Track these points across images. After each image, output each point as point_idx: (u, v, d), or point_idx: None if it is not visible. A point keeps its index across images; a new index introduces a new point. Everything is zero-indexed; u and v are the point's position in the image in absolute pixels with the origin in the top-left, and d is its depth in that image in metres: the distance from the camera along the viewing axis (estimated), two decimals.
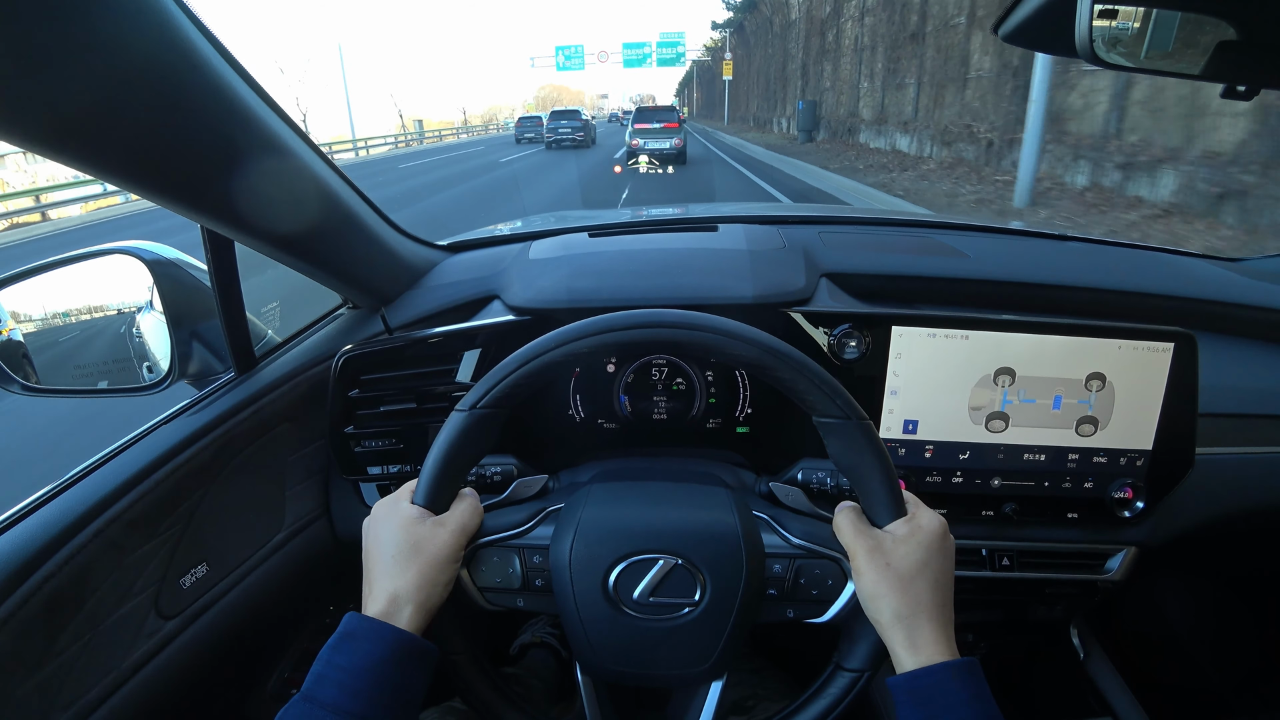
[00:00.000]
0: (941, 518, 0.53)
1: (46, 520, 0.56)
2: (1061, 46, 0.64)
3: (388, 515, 0.53)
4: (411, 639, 0.48)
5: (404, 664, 0.47)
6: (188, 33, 0.46)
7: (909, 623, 0.49)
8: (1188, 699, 1.05)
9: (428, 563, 0.51)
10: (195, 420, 0.69)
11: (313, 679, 0.46)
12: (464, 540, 0.54)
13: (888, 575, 0.50)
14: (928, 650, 0.48)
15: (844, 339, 0.77)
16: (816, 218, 1.11)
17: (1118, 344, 0.74)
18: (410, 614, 0.49)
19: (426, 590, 0.50)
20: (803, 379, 0.52)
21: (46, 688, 0.53)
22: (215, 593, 0.70)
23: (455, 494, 0.55)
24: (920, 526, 0.51)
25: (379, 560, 0.51)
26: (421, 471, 0.54)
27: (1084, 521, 0.80)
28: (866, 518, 0.54)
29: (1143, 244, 1.12)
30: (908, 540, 0.51)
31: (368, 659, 0.46)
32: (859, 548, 0.51)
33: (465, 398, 0.54)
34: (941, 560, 0.51)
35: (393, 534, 0.52)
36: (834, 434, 0.53)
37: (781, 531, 0.57)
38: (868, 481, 0.53)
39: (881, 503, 0.53)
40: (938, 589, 0.50)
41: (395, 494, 0.56)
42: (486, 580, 0.56)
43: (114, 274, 0.81)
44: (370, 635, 0.47)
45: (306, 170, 0.65)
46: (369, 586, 0.51)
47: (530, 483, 0.68)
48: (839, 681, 0.55)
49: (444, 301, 0.91)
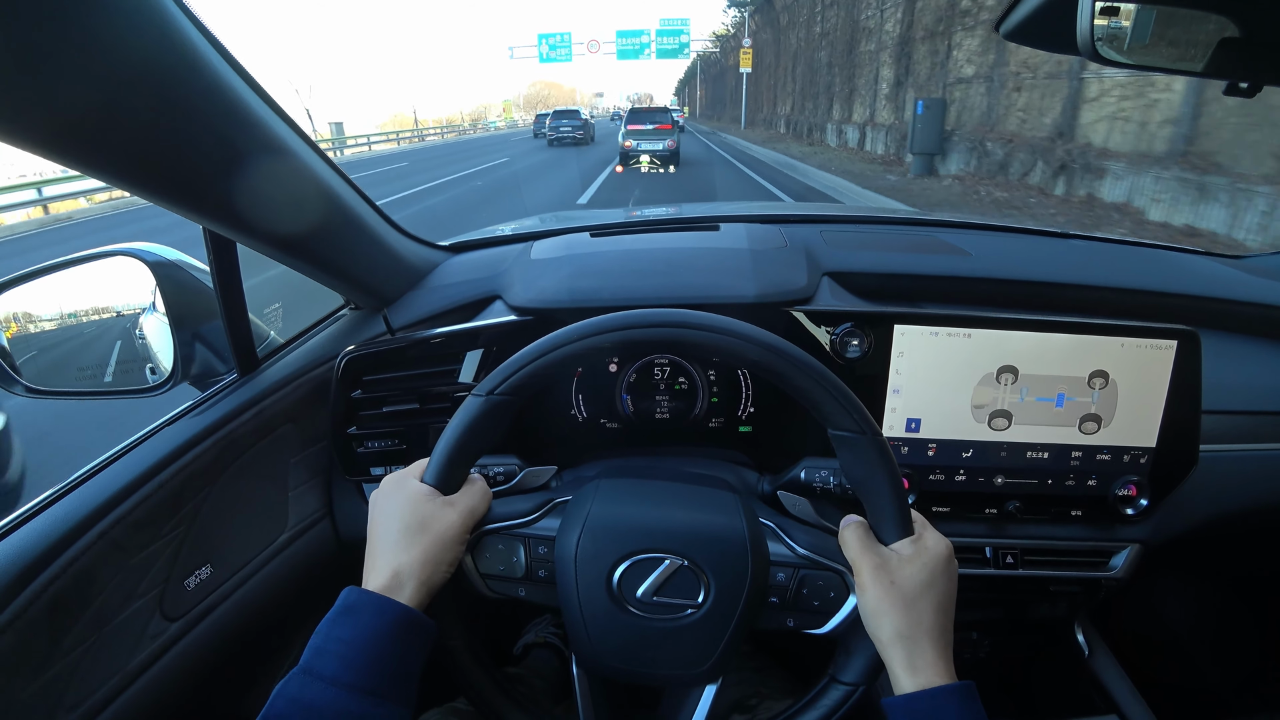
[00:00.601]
0: (948, 541, 0.53)
1: (51, 523, 0.56)
2: (1063, 45, 0.64)
3: (395, 490, 0.53)
4: (412, 613, 0.48)
5: (404, 638, 0.47)
6: (188, 34, 0.46)
7: (909, 643, 0.49)
8: (1191, 697, 1.05)
9: (433, 541, 0.50)
10: (198, 422, 0.69)
11: (312, 652, 0.45)
12: (471, 523, 0.54)
13: (891, 593, 0.50)
14: (926, 672, 0.48)
15: (846, 338, 0.77)
16: (818, 216, 1.11)
17: (1121, 342, 0.74)
18: (412, 590, 0.49)
19: (430, 568, 0.50)
20: (820, 389, 0.52)
21: (52, 689, 0.53)
22: (219, 594, 0.70)
23: (465, 477, 0.55)
24: (926, 547, 0.51)
25: (384, 534, 0.51)
26: (433, 452, 0.54)
27: (1088, 519, 0.80)
28: (873, 534, 0.53)
29: (1145, 241, 1.11)
30: (913, 560, 0.51)
31: (368, 632, 0.46)
32: (864, 564, 0.51)
33: (482, 383, 0.54)
34: (945, 583, 0.51)
35: (400, 509, 0.52)
36: (847, 447, 0.53)
37: (788, 540, 0.57)
38: (877, 498, 0.53)
39: (890, 520, 0.53)
40: (940, 611, 0.50)
41: (405, 470, 0.56)
42: (490, 567, 0.56)
43: (116, 276, 0.82)
44: (371, 609, 0.47)
45: (308, 171, 0.65)
46: (371, 560, 0.51)
47: (539, 473, 0.68)
48: (832, 694, 0.55)
49: (446, 302, 0.91)
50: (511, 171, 15.41)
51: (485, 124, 45.95)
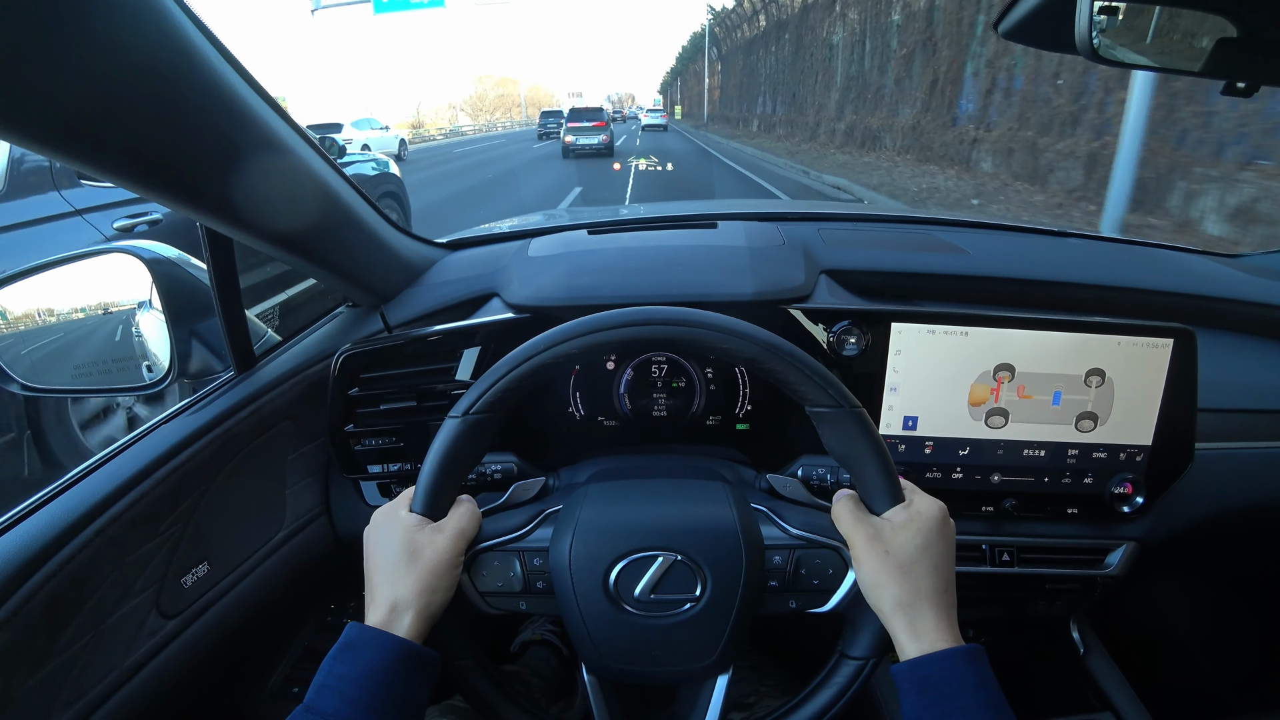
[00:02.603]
0: (940, 502, 0.53)
1: (48, 520, 0.56)
2: (1061, 44, 0.64)
3: (386, 523, 0.54)
4: (411, 647, 0.48)
5: (404, 672, 0.47)
6: (186, 31, 0.46)
7: (910, 610, 0.49)
8: (1187, 696, 1.05)
9: (427, 569, 0.51)
10: (195, 419, 0.69)
11: (314, 689, 0.46)
12: (463, 545, 0.53)
13: (887, 563, 0.50)
14: (930, 637, 0.48)
15: (843, 336, 0.77)
16: (816, 215, 1.11)
17: (1117, 340, 0.74)
18: (410, 621, 0.49)
19: (426, 597, 0.50)
20: (793, 370, 0.52)
21: (48, 686, 0.53)
22: (216, 591, 0.70)
23: (453, 500, 0.55)
24: (919, 512, 0.51)
25: (379, 569, 0.52)
26: (418, 479, 0.54)
27: (1084, 517, 0.80)
28: (864, 505, 0.54)
29: (1142, 240, 1.12)
30: (906, 527, 0.51)
31: (367, 668, 0.46)
32: (858, 536, 0.51)
33: (458, 403, 0.54)
34: (941, 545, 0.51)
35: (391, 542, 0.52)
36: (827, 423, 0.53)
37: (780, 522, 0.57)
38: (863, 469, 0.53)
39: (878, 489, 0.52)
40: (938, 574, 0.50)
41: (394, 502, 0.56)
42: (488, 585, 0.56)
43: (112, 273, 0.81)
44: (370, 644, 0.47)
45: (305, 168, 0.65)
46: (370, 595, 0.51)
47: (528, 485, 0.68)
48: (844, 670, 0.55)
49: (443, 299, 0.90)
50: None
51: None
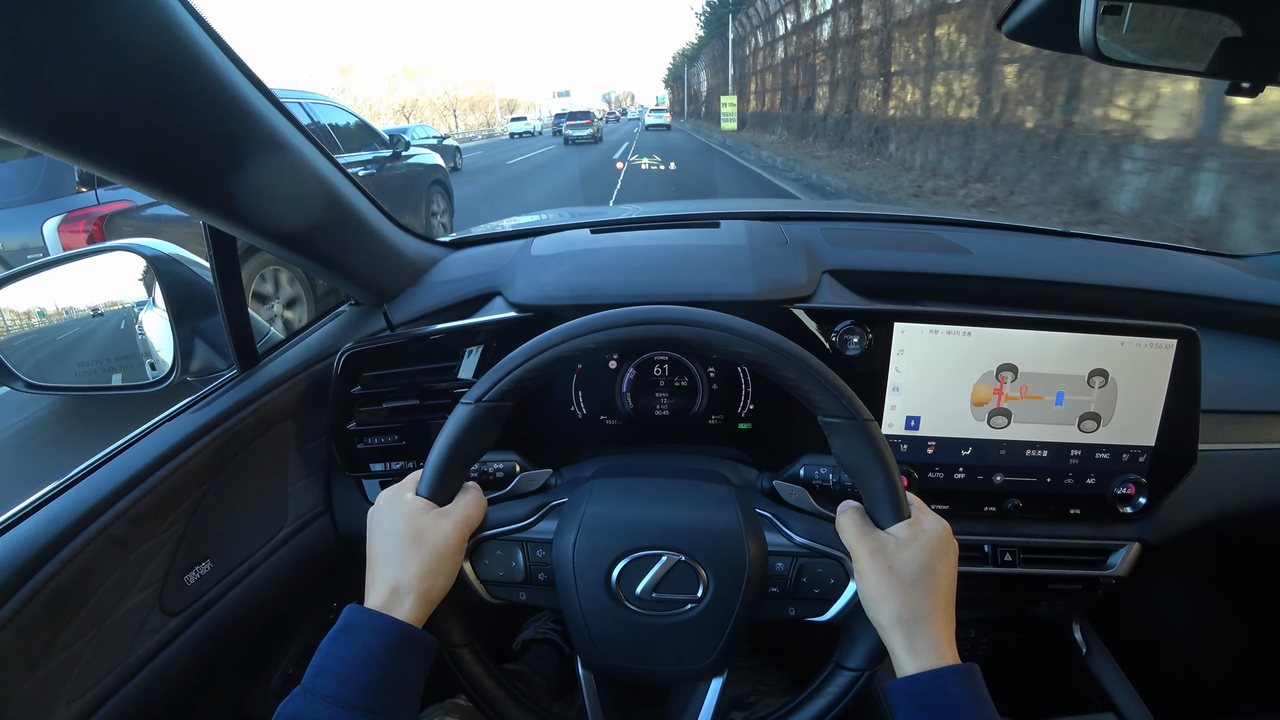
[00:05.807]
0: (945, 522, 0.53)
1: (50, 518, 0.56)
2: (1065, 44, 0.64)
3: (391, 505, 0.53)
4: (411, 630, 0.48)
5: (403, 655, 0.47)
6: (190, 29, 0.46)
7: (909, 626, 0.49)
8: (1189, 697, 1.05)
9: (430, 554, 0.51)
10: (198, 417, 0.69)
11: (312, 671, 0.46)
12: (467, 532, 0.54)
13: (890, 578, 0.50)
14: (928, 654, 0.48)
15: (846, 335, 0.77)
16: (819, 214, 1.11)
17: (1120, 340, 0.74)
18: (411, 605, 0.49)
19: (428, 581, 0.50)
20: (808, 378, 0.52)
21: (51, 683, 0.54)
22: (219, 589, 0.70)
23: (459, 486, 0.55)
24: (923, 530, 0.51)
25: (381, 550, 0.51)
26: (426, 463, 0.54)
27: (1087, 518, 0.80)
28: (870, 519, 0.53)
29: (1146, 240, 1.11)
30: (910, 544, 0.51)
31: (366, 650, 0.46)
32: (862, 549, 0.51)
33: (471, 390, 0.54)
34: (944, 564, 0.51)
35: (395, 524, 0.52)
36: (838, 434, 0.53)
37: (785, 530, 0.57)
38: (871, 482, 0.53)
39: (885, 504, 0.52)
40: (939, 593, 0.50)
41: (399, 485, 0.56)
42: (489, 573, 0.56)
43: (116, 271, 0.82)
44: (369, 627, 0.47)
45: (308, 167, 0.65)
46: (371, 577, 0.51)
47: (534, 477, 0.68)
48: (839, 680, 0.55)
49: (446, 298, 0.91)
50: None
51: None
